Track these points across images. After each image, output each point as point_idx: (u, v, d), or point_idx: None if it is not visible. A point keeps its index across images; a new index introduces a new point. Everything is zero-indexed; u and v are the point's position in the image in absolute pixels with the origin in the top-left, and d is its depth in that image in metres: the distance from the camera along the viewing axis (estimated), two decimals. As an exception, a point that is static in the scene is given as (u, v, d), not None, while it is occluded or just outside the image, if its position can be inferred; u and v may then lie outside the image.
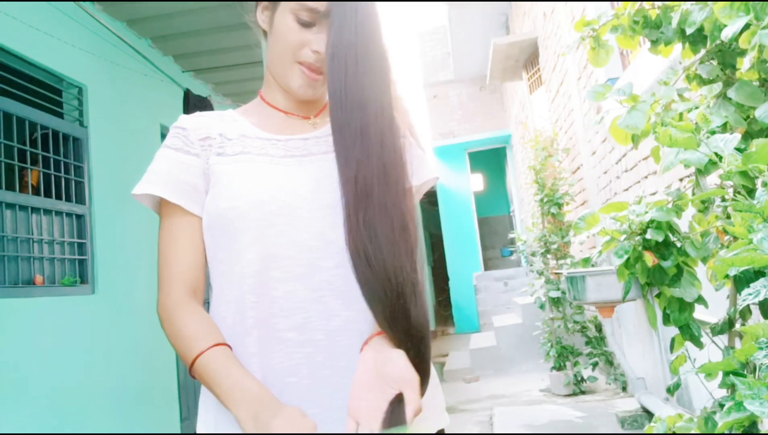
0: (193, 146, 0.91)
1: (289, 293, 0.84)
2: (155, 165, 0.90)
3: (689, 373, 1.26)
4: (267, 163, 0.90)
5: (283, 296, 0.84)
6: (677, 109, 1.36)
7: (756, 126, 1.25)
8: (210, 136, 0.92)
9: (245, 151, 0.91)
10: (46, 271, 2.92)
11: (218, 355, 0.80)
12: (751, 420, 0.80)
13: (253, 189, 0.86)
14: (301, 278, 0.84)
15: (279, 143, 0.92)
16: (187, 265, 0.88)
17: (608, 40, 1.62)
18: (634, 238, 1.36)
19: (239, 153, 0.90)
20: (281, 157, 0.91)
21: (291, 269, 0.85)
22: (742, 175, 1.03)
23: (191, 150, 0.91)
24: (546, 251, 4.80)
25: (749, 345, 0.85)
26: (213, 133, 0.93)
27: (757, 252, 0.78)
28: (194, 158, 0.90)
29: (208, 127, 0.93)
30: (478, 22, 8.07)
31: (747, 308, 1.28)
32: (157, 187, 0.87)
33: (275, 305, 0.84)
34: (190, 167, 0.90)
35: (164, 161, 0.90)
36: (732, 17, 1.17)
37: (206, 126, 0.93)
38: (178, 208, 0.88)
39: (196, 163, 0.90)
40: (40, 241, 2.90)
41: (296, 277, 0.84)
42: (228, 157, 0.90)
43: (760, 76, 1.27)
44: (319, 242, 0.86)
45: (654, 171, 2.92)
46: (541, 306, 4.74)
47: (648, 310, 1.52)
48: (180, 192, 0.88)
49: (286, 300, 0.84)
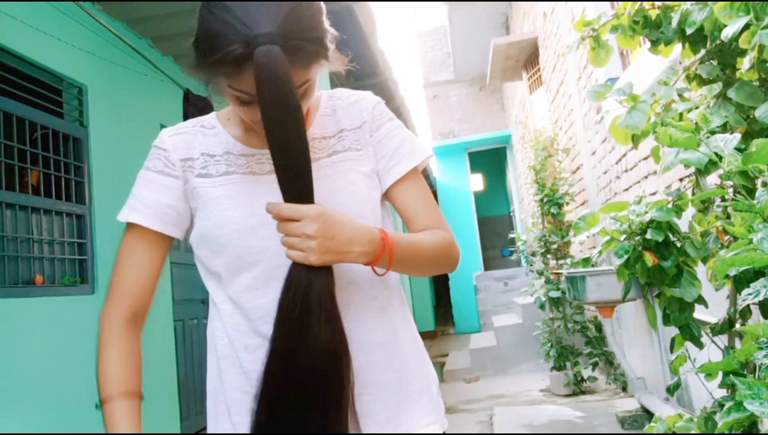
0: (174, 168, 0.91)
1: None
2: (137, 189, 0.91)
3: (689, 373, 1.26)
4: (253, 182, 0.89)
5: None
6: (677, 109, 1.36)
7: (756, 126, 1.25)
8: (191, 157, 0.92)
9: (229, 171, 0.90)
10: (46, 271, 2.92)
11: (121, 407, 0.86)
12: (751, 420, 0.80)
13: (241, 215, 0.87)
14: None
15: (263, 158, 0.91)
16: (140, 287, 0.89)
17: (608, 40, 1.62)
18: (634, 238, 1.36)
19: (223, 173, 0.90)
20: (267, 173, 0.89)
21: None
22: (742, 175, 1.03)
23: (172, 172, 0.91)
24: (546, 251, 4.80)
25: (749, 345, 0.85)
26: (195, 153, 0.92)
27: (757, 252, 0.78)
28: (174, 180, 0.91)
29: (189, 147, 0.93)
30: (478, 22, 8.08)
31: (747, 308, 1.28)
32: (140, 215, 0.89)
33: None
34: (170, 190, 0.90)
35: (146, 186, 0.91)
36: (732, 17, 1.17)
37: (187, 145, 0.93)
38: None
39: (176, 186, 0.91)
40: (40, 241, 2.90)
41: None
42: (212, 179, 0.90)
43: (760, 76, 1.27)
44: None
45: (654, 171, 2.92)
46: (541, 306, 4.74)
47: (648, 310, 1.52)
48: (160, 216, 0.89)
49: None
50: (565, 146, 5.16)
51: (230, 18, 0.73)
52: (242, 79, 0.75)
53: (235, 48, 0.72)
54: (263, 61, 0.71)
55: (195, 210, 0.91)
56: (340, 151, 0.93)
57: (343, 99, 0.98)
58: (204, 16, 0.76)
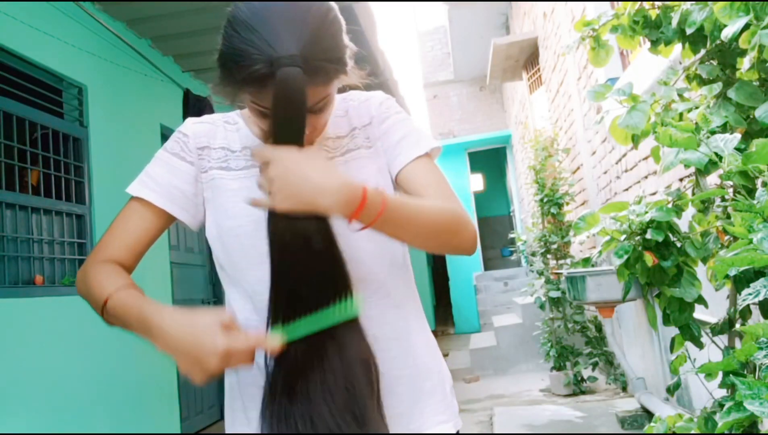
0: (189, 154, 0.94)
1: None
2: (151, 167, 0.94)
3: (689, 373, 1.26)
4: None
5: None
6: (677, 109, 1.36)
7: (756, 126, 1.25)
8: (209, 146, 0.95)
9: (248, 165, 0.93)
10: (46, 271, 2.92)
11: (126, 293, 0.83)
12: (751, 420, 0.80)
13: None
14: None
15: None
16: (126, 249, 0.90)
17: (608, 40, 1.62)
18: (634, 238, 1.36)
19: (243, 168, 0.93)
20: None
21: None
22: (742, 175, 1.03)
23: (187, 157, 0.94)
24: (546, 251, 4.80)
25: (749, 345, 0.85)
26: (214, 144, 0.95)
27: (757, 252, 0.78)
28: (188, 166, 0.93)
29: (209, 137, 0.95)
30: (478, 22, 8.08)
31: (747, 308, 1.28)
32: (151, 192, 0.91)
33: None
34: (183, 174, 0.93)
35: (160, 165, 0.93)
36: (732, 17, 1.17)
37: (207, 135, 0.96)
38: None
39: (189, 171, 0.93)
40: (40, 241, 2.90)
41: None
42: (233, 172, 0.93)
43: (760, 76, 1.27)
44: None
45: (654, 171, 2.92)
46: (541, 306, 4.74)
47: (648, 310, 1.52)
48: (168, 196, 0.91)
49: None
50: (565, 146, 5.16)
51: (255, 38, 0.75)
52: (264, 95, 0.77)
53: (260, 68, 0.74)
54: (282, 84, 0.73)
55: (208, 201, 0.93)
56: (353, 150, 0.96)
57: (355, 100, 1.01)
58: (229, 34, 0.79)
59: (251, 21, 0.76)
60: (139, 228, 0.91)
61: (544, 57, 5.77)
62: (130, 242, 0.91)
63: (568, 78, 4.75)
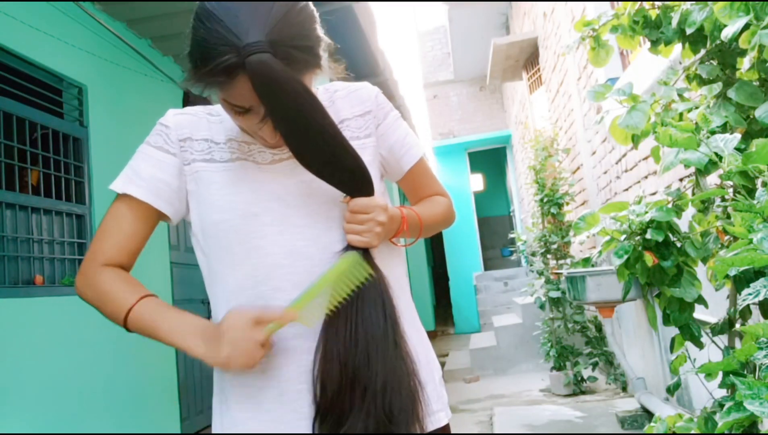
0: (171, 145, 0.93)
1: (289, 302, 0.84)
2: (135, 162, 0.93)
3: (689, 373, 1.26)
4: (256, 171, 0.90)
5: (284, 305, 0.84)
6: (677, 109, 1.36)
7: (756, 126, 1.25)
8: (191, 137, 0.93)
9: (233, 157, 0.91)
10: (46, 271, 2.92)
11: (151, 302, 0.86)
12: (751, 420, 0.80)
13: (244, 201, 0.87)
14: (298, 286, 0.84)
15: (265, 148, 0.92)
16: (123, 250, 0.91)
17: (608, 40, 1.62)
18: (634, 238, 1.36)
19: (227, 160, 0.91)
20: (269, 163, 0.91)
21: (288, 278, 0.86)
22: (742, 175, 1.03)
23: (170, 149, 0.92)
24: (546, 251, 4.80)
25: (749, 345, 0.85)
26: (197, 135, 0.93)
27: (757, 252, 0.78)
28: (171, 157, 0.92)
29: (191, 128, 0.94)
30: (478, 22, 8.07)
31: (747, 308, 1.28)
32: (136, 188, 0.90)
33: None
34: (167, 166, 0.92)
35: (143, 159, 0.93)
36: (732, 17, 1.17)
37: (190, 126, 0.94)
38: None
39: (173, 163, 0.92)
40: (40, 241, 2.90)
41: (294, 285, 0.85)
42: (217, 164, 0.91)
43: (760, 76, 1.27)
44: (314, 249, 0.87)
45: (654, 171, 2.92)
46: (541, 306, 4.74)
47: (648, 310, 1.52)
48: (153, 191, 0.91)
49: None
50: (565, 146, 5.16)
51: (220, 28, 0.73)
52: (234, 88, 0.76)
53: (227, 58, 0.72)
54: (257, 69, 0.71)
55: (192, 193, 0.92)
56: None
57: (341, 89, 0.99)
58: (196, 27, 0.77)
59: (216, 12, 0.75)
60: (131, 227, 0.90)
61: (544, 57, 5.77)
62: (125, 242, 0.90)
63: (568, 78, 4.75)
